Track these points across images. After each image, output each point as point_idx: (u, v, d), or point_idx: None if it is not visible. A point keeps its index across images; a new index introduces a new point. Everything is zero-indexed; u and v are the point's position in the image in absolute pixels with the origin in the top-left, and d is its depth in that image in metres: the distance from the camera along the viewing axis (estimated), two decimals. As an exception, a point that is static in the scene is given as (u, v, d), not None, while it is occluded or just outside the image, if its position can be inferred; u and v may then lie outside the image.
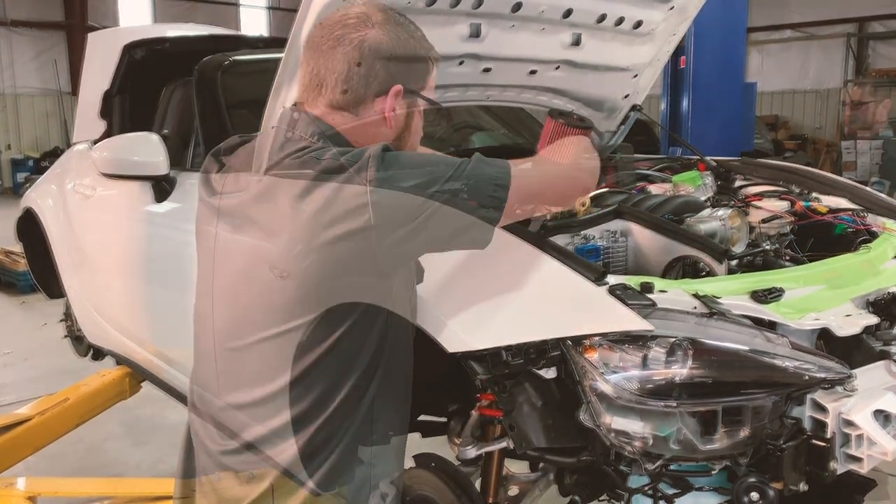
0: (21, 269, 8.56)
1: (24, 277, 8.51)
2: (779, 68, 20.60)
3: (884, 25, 19.72)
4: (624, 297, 2.05)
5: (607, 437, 1.99)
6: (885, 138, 16.67)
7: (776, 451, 1.96)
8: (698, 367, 1.95)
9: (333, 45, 1.83)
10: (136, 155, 3.30)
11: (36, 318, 7.61)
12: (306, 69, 1.91)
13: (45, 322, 7.22)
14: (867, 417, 1.96)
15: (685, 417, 1.96)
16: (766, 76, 19.72)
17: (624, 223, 2.65)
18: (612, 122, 3.91)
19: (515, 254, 2.18)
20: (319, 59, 1.87)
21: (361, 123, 1.86)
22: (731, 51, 9.60)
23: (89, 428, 4.72)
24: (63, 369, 5.44)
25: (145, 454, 4.70)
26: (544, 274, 2.12)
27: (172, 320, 3.49)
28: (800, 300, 2.28)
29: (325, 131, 1.87)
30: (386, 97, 1.86)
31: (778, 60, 20.78)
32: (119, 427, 4.82)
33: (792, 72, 20.54)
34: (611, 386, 1.96)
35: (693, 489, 2.13)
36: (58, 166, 4.75)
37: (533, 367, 2.04)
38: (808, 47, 20.74)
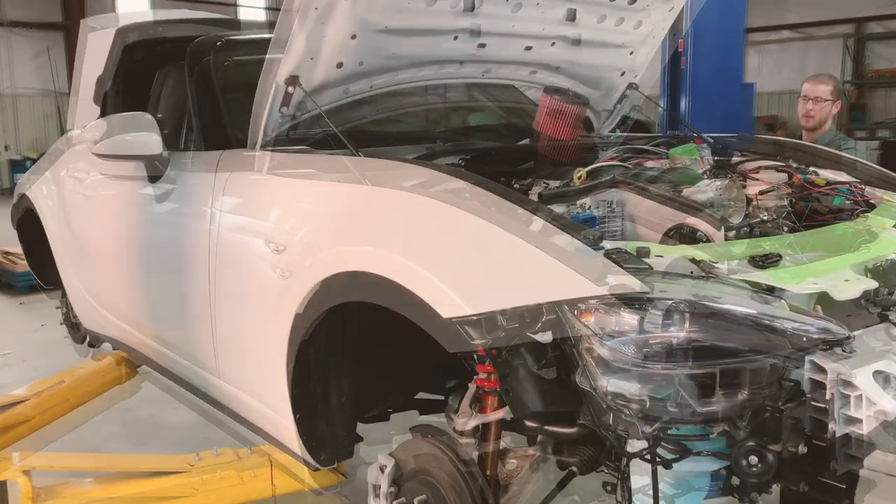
0: (19, 270, 8.56)
1: (23, 278, 8.50)
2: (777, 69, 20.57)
3: (882, 26, 19.69)
4: (620, 261, 2.02)
5: (604, 400, 1.95)
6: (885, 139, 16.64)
7: (774, 413, 1.92)
8: (696, 330, 1.92)
9: None
10: (130, 134, 3.27)
11: (34, 319, 7.58)
12: None
13: (43, 323, 7.19)
14: (867, 378, 1.93)
15: (683, 380, 1.92)
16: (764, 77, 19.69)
17: (619, 193, 2.63)
18: (609, 100, 3.90)
19: (510, 218, 2.16)
20: None
21: None
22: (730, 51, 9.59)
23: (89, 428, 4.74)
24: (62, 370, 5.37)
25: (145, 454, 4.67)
26: (539, 238, 2.09)
27: (168, 302, 3.47)
28: (798, 266, 2.26)
29: None
30: None
31: (776, 61, 20.76)
32: (119, 427, 4.79)
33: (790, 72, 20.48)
34: (607, 349, 1.93)
35: (691, 454, 2.09)
36: (53, 153, 4.72)
37: (528, 332, 2.01)
38: (807, 48, 20.73)
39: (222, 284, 2.96)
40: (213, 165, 3.11)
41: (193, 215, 3.14)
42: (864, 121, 19.06)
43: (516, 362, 2.06)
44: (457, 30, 3.11)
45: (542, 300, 1.98)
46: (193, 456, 2.95)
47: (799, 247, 2.38)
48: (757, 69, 20.32)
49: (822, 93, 4.88)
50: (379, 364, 2.78)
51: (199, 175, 3.18)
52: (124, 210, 3.67)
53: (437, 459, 2.35)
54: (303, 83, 2.90)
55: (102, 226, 3.93)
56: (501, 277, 2.06)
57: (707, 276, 2.07)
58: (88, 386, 3.93)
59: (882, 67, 19.66)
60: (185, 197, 3.26)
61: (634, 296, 1.95)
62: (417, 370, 2.91)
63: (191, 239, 3.13)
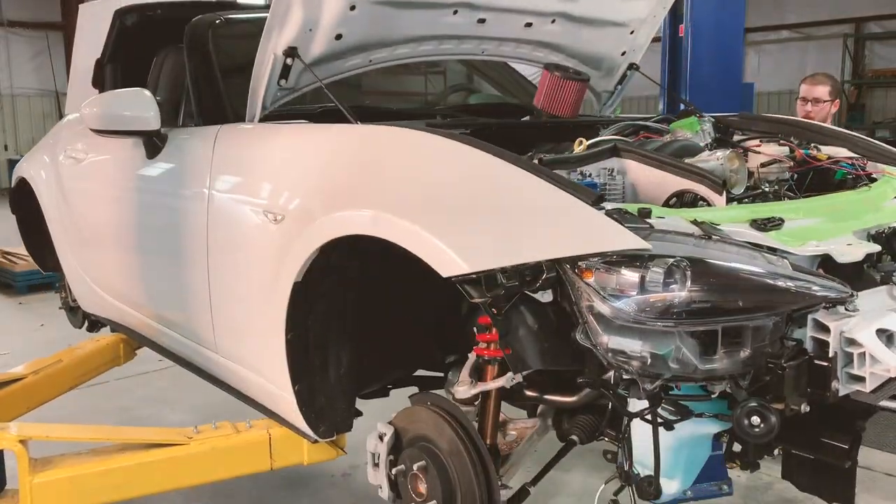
0: (19, 270, 8.63)
1: (22, 278, 8.55)
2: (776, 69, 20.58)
3: (881, 26, 19.71)
4: (621, 220, 2.01)
5: (604, 357, 1.94)
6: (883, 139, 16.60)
7: (777, 370, 1.91)
8: (697, 288, 1.90)
9: None
10: (128, 110, 3.25)
11: (33, 319, 7.59)
12: None
13: (42, 323, 7.20)
14: (870, 335, 1.91)
15: (684, 337, 1.91)
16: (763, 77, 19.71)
17: (620, 161, 2.61)
18: (610, 81, 3.88)
19: (509, 178, 2.14)
20: None
21: None
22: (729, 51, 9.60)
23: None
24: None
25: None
26: (539, 197, 2.08)
27: (166, 280, 3.45)
28: (800, 230, 2.24)
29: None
30: None
31: (776, 61, 20.77)
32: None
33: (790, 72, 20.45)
34: (608, 307, 1.91)
35: (693, 415, 2.08)
36: (51, 136, 4.72)
37: (528, 290, 2.00)
38: (806, 48, 20.74)
39: (219, 257, 2.95)
40: (210, 140, 3.09)
41: (190, 190, 3.12)
42: (863, 121, 19.06)
43: (516, 320, 2.04)
44: (456, 4, 3.10)
45: (543, 258, 1.96)
46: (191, 429, 2.93)
47: (801, 212, 2.36)
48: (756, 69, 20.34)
49: (821, 93, 4.87)
50: (378, 337, 2.77)
51: (197, 150, 3.17)
52: (121, 188, 3.65)
53: (438, 426, 2.34)
54: (301, 55, 2.88)
55: (100, 204, 3.91)
56: (501, 235, 2.04)
57: (709, 235, 2.05)
58: (87, 366, 3.92)
59: (881, 67, 19.68)
60: (182, 172, 3.25)
61: (635, 253, 1.93)
62: (417, 344, 2.90)
63: (188, 213, 3.11)
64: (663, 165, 2.49)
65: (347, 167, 2.49)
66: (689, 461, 2.20)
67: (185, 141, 3.30)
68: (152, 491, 2.82)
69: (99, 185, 3.92)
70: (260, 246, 2.72)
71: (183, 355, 3.49)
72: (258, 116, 2.98)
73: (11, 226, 5.05)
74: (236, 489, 4.28)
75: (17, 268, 8.70)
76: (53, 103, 20.83)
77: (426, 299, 2.71)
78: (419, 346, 2.91)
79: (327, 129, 2.76)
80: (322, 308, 2.61)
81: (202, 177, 3.04)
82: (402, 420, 2.47)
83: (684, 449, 2.17)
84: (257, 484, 4.36)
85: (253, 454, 2.89)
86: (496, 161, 2.18)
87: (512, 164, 2.16)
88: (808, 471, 2.29)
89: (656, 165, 2.52)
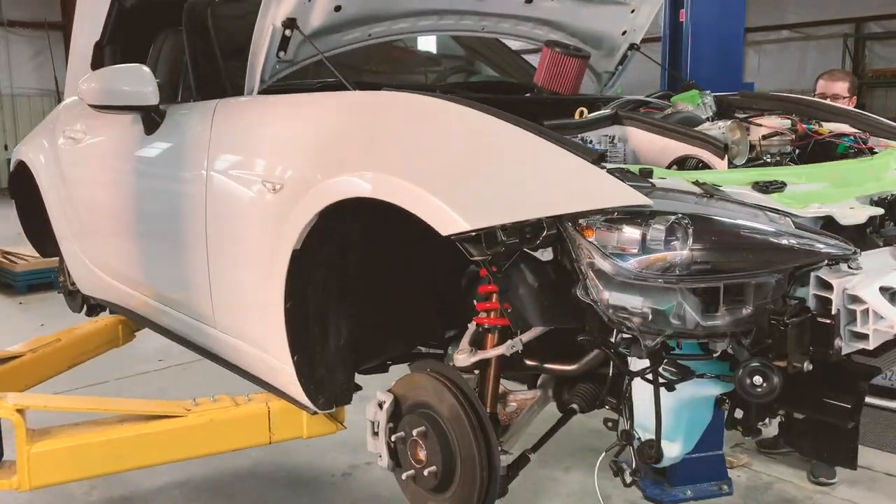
0: (19, 270, 8.65)
1: (22, 278, 8.56)
2: (776, 68, 20.56)
3: (881, 26, 19.69)
4: (622, 178, 2.00)
5: (605, 314, 1.92)
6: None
7: (779, 326, 1.89)
8: (699, 245, 1.89)
9: None
10: (126, 85, 3.24)
11: (34, 319, 7.58)
12: None
13: (42, 323, 7.18)
14: (874, 292, 1.90)
15: (686, 294, 1.89)
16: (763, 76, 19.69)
17: (622, 128, 2.60)
18: (611, 61, 3.87)
19: (509, 137, 2.13)
20: None
21: None
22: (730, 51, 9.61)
23: None
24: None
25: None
26: (539, 155, 2.07)
27: (165, 257, 3.44)
28: (803, 193, 2.23)
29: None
30: None
31: (775, 61, 20.74)
32: None
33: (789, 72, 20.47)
34: (609, 263, 1.90)
35: (694, 376, 2.07)
36: (49, 119, 4.70)
37: (528, 248, 1.99)
38: (806, 48, 20.71)
39: (218, 230, 2.93)
40: (208, 114, 3.08)
41: (188, 164, 3.10)
42: (864, 120, 19.03)
43: (516, 278, 2.03)
44: (456, -22, 3.09)
45: (543, 215, 1.95)
46: (190, 402, 2.92)
47: (804, 177, 2.35)
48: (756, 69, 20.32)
49: (840, 90, 4.84)
50: (377, 307, 2.75)
51: (195, 124, 3.15)
52: (120, 166, 3.64)
53: (438, 392, 2.32)
54: (301, 26, 2.87)
55: (98, 183, 3.90)
56: (501, 193, 2.03)
57: (711, 194, 2.04)
58: (85, 346, 3.91)
59: (881, 67, 19.64)
60: (180, 146, 3.23)
61: (637, 210, 1.92)
62: (416, 315, 2.88)
63: (186, 187, 3.10)
64: (665, 132, 2.49)
65: (346, 132, 2.47)
66: (691, 424, 2.19)
67: (184, 116, 3.28)
68: (151, 463, 2.81)
69: (98, 164, 3.91)
70: (259, 216, 2.70)
71: (182, 334, 3.47)
72: (257, 89, 2.97)
73: (11, 226, 5.06)
74: (237, 489, 4.30)
75: (17, 268, 8.76)
76: (54, 103, 20.75)
77: (426, 270, 2.70)
78: (419, 317, 2.89)
79: (325, 96, 2.74)
80: (321, 277, 2.60)
81: (200, 150, 3.03)
82: (402, 387, 2.46)
83: (685, 411, 2.15)
84: (258, 483, 4.36)
85: (252, 427, 2.88)
86: (495, 121, 2.17)
87: (511, 124, 2.15)
88: (811, 435, 2.27)
89: (658, 132, 2.51)
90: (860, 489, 4.48)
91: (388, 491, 4.25)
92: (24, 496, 4.23)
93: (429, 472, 2.29)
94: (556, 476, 4.53)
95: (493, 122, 2.17)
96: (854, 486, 4.50)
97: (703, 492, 4.44)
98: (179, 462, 2.94)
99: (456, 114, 2.25)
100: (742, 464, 4.78)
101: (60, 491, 4.29)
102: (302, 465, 4.58)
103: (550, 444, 2.65)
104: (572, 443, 4.82)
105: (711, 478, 4.49)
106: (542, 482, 4.46)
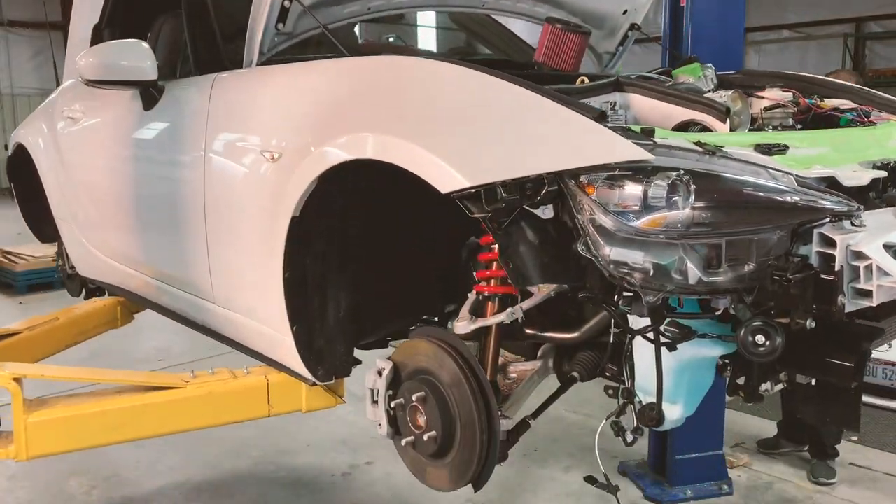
0: (19, 270, 8.66)
1: (22, 278, 8.57)
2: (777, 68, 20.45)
3: (881, 26, 19.68)
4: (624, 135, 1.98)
5: (606, 269, 1.90)
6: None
7: (782, 282, 1.87)
8: (701, 201, 1.87)
9: None
10: (124, 59, 3.22)
11: (34, 318, 7.57)
12: None
13: (42, 323, 7.16)
14: (878, 248, 1.89)
15: (687, 250, 1.88)
16: (764, 76, 19.68)
17: (623, 95, 2.59)
18: (612, 42, 3.86)
19: (510, 96, 2.12)
20: None
21: None
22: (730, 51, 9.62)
23: None
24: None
25: (144, 454, 4.68)
26: (539, 112, 2.05)
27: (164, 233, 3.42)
28: (805, 157, 2.22)
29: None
30: None
31: (776, 60, 20.73)
32: None
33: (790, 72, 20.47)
34: (610, 219, 1.88)
35: (696, 336, 2.05)
36: (48, 102, 4.68)
37: (529, 205, 1.97)
38: (806, 47, 20.72)
39: (216, 202, 2.91)
40: (207, 88, 3.07)
41: (187, 138, 3.09)
42: (864, 120, 19.03)
43: (517, 235, 2.01)
44: (457, -47, 3.08)
45: (544, 170, 1.93)
46: (188, 374, 2.90)
47: (806, 142, 2.34)
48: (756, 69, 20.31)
49: None
50: (377, 277, 2.73)
51: (193, 98, 3.14)
52: (119, 143, 3.62)
53: (438, 357, 2.30)
54: (300, -3, 2.86)
55: (97, 161, 3.88)
56: (501, 149, 2.02)
57: (713, 152, 2.02)
58: (83, 325, 3.90)
59: (881, 67, 19.62)
60: (178, 121, 3.22)
61: (638, 166, 1.91)
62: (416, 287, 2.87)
63: (185, 162, 3.09)
64: (666, 97, 2.47)
65: (344, 96, 2.46)
66: (692, 385, 2.16)
67: (182, 90, 3.27)
68: (148, 434, 2.79)
69: (96, 142, 3.89)
70: (258, 186, 2.69)
71: (181, 312, 3.45)
72: (255, 62, 2.95)
73: (11, 226, 5.05)
74: (237, 489, 4.32)
75: (17, 268, 8.78)
76: (54, 103, 20.79)
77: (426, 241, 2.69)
78: (419, 287, 2.87)
79: (323, 63, 2.73)
80: (321, 246, 2.58)
81: (199, 124, 3.01)
82: (401, 354, 2.44)
83: (687, 372, 2.13)
84: (258, 483, 4.36)
85: (251, 399, 2.86)
86: (494, 80, 2.16)
87: (512, 83, 2.13)
88: (813, 399, 2.26)
89: (660, 98, 2.49)
90: (860, 489, 4.49)
91: (388, 491, 4.26)
92: (24, 496, 4.29)
93: (428, 437, 2.27)
94: (556, 476, 4.52)
95: (491, 81, 2.16)
96: (854, 486, 4.51)
97: (704, 491, 4.44)
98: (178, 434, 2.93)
99: (454, 74, 2.24)
100: (742, 464, 4.79)
101: (61, 491, 4.37)
102: (302, 466, 4.60)
103: (550, 444, 2.64)
104: (572, 443, 4.84)
105: (711, 478, 4.49)
106: (542, 482, 4.48)
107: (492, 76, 2.17)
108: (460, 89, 2.21)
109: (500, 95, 2.12)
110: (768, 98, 2.86)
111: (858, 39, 20.03)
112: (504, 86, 2.13)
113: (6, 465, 4.60)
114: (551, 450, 4.75)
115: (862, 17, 19.70)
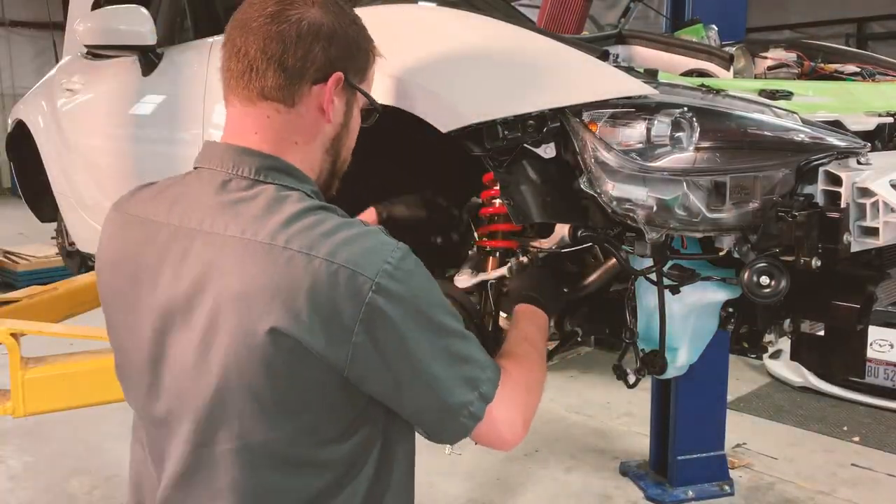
0: (20, 270, 8.69)
1: (23, 278, 8.57)
2: (778, 69, 20.55)
3: (883, 26, 19.69)
4: (627, 71, 1.97)
5: (609, 205, 1.88)
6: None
7: (787, 218, 1.85)
8: (705, 137, 1.85)
9: (266, 21, 1.56)
10: (123, 24, 3.21)
11: (34, 318, 7.56)
12: (231, 51, 1.59)
13: (42, 322, 7.15)
14: (884, 184, 1.86)
15: (691, 186, 1.86)
16: (765, 77, 19.69)
17: (626, 48, 2.57)
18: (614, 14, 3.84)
19: (511, 36, 2.10)
20: (248, 38, 1.56)
21: (299, 123, 1.62)
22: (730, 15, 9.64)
23: (89, 428, 4.87)
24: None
25: (145, 454, 4.65)
26: (540, 50, 2.04)
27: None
28: (810, 103, 2.20)
29: (274, 164, 1.59)
30: (324, 85, 1.62)
31: (777, 61, 20.75)
32: (119, 427, 4.73)
33: (792, 48, 20.46)
34: (613, 156, 1.86)
35: (699, 278, 2.02)
36: (47, 79, 4.67)
37: (531, 142, 1.95)
38: (808, 48, 20.72)
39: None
40: (205, 52, 3.05)
41: (186, 102, 3.07)
42: (865, 120, 19.03)
43: (518, 173, 1.99)
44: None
45: (546, 107, 1.91)
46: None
47: (811, 90, 2.32)
48: (759, 45, 20.29)
49: None
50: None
51: (192, 62, 3.13)
52: (118, 111, 3.61)
53: None
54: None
55: (96, 130, 3.87)
56: (502, 86, 1.99)
57: (717, 91, 2.00)
58: (83, 297, 3.86)
59: (883, 67, 19.64)
60: (177, 85, 3.20)
61: (642, 103, 1.88)
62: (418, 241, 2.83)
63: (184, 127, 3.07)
64: (670, 47, 2.45)
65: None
66: (696, 331, 2.13)
67: (181, 55, 3.26)
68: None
69: (96, 112, 3.88)
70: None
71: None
72: None
73: (12, 226, 5.02)
74: None
75: (18, 267, 8.83)
76: (55, 102, 20.83)
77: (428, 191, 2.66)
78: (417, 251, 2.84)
79: None
80: None
81: (197, 87, 3.00)
82: None
83: (691, 317, 2.10)
84: None
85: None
86: (496, 21, 2.14)
87: (512, 25, 2.12)
88: (818, 348, 2.23)
89: (662, 48, 2.47)
90: (862, 490, 4.48)
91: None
92: (26, 496, 4.30)
93: None
94: (557, 476, 4.49)
95: (491, 22, 2.15)
96: (856, 487, 4.50)
97: (705, 492, 4.43)
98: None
99: (453, 16, 2.23)
100: (743, 464, 4.77)
101: (62, 491, 4.38)
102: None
103: (552, 444, 2.60)
104: (572, 443, 4.82)
105: (713, 478, 4.47)
106: (542, 482, 4.47)
107: (492, 18, 2.15)
108: (459, 30, 2.19)
109: (500, 35, 2.11)
110: (772, 58, 2.84)
111: (860, 40, 20.01)
112: (504, 26, 2.11)
113: (8, 466, 4.66)
114: (553, 450, 4.75)
115: (863, 17, 19.70)
